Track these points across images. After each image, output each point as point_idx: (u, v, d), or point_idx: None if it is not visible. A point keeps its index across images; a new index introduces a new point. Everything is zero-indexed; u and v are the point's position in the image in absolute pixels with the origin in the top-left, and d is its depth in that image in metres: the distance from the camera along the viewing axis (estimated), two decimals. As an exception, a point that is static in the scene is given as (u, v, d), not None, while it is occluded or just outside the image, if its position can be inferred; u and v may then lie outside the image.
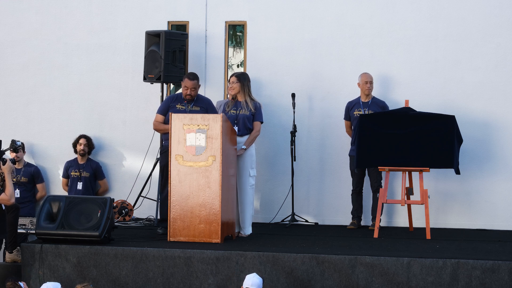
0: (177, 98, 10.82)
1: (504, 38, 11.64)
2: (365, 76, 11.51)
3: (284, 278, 9.27)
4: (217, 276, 9.36)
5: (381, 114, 11.20)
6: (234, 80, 10.73)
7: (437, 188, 11.67)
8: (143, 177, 12.13)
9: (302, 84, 12.06)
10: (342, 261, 9.17)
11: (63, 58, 12.65)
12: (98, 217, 9.84)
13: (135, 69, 12.35)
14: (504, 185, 11.61)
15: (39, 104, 12.69)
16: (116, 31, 12.52)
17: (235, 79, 10.72)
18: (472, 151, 11.60)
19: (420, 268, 9.02)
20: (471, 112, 11.62)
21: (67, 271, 9.63)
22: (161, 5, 12.44)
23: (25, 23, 12.74)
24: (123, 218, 11.85)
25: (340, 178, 11.95)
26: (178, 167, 10.00)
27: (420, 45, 11.82)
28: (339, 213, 11.94)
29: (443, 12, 11.78)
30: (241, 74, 10.81)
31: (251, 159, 10.68)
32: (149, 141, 11.93)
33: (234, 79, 10.73)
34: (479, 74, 11.70)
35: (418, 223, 11.34)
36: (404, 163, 10.72)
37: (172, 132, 10.02)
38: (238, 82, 10.71)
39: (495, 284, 8.89)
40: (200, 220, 9.96)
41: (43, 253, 9.65)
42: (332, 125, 11.98)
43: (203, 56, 12.38)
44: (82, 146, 12.29)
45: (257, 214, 11.83)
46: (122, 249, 9.62)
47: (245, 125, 10.67)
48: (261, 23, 12.22)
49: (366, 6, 11.96)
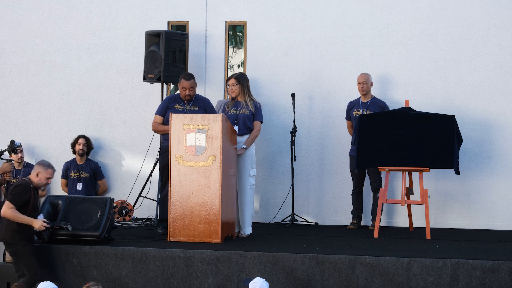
0: (175, 98, 10.83)
1: (504, 38, 11.64)
2: (359, 76, 11.53)
3: (284, 278, 9.27)
4: (217, 276, 9.36)
5: (381, 114, 11.20)
6: (233, 83, 10.72)
7: (437, 188, 11.67)
8: (143, 177, 12.13)
9: (302, 84, 12.06)
10: (342, 261, 9.16)
11: (63, 58, 12.65)
12: (98, 217, 9.84)
13: (135, 69, 12.35)
14: (504, 185, 11.61)
15: (39, 104, 12.69)
16: (116, 31, 12.53)
17: (234, 81, 10.72)
18: (472, 151, 11.60)
19: (420, 268, 9.02)
20: (471, 112, 11.63)
21: (67, 271, 9.63)
22: (161, 5, 12.44)
23: (25, 23, 12.75)
24: (123, 218, 11.85)
25: (340, 178, 11.95)
26: (178, 167, 10.00)
27: (420, 45, 11.82)
28: (339, 213, 11.94)
29: (443, 12, 11.78)
30: (240, 75, 10.80)
31: (251, 159, 10.69)
32: (149, 141, 11.94)
33: (233, 82, 10.72)
34: (479, 74, 11.70)
35: (418, 223, 11.34)
36: (404, 163, 10.72)
37: (172, 132, 10.02)
38: (238, 84, 10.71)
39: (495, 284, 8.89)
40: (200, 220, 9.95)
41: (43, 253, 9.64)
42: (332, 125, 11.99)
43: (203, 56, 12.38)
44: (81, 146, 12.29)
45: (257, 214, 11.84)
46: (122, 249, 9.61)
47: (245, 124, 10.68)
48: (261, 23, 12.22)
49: (366, 6, 11.96)
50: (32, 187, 9.32)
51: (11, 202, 9.21)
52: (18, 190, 9.26)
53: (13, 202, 9.20)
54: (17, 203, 9.20)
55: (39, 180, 9.34)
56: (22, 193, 9.24)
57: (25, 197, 9.24)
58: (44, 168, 9.36)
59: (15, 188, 9.32)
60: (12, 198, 9.24)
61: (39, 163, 9.46)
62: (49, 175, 9.38)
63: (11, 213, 9.18)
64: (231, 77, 10.77)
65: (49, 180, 9.42)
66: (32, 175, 9.36)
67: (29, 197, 9.26)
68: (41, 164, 9.41)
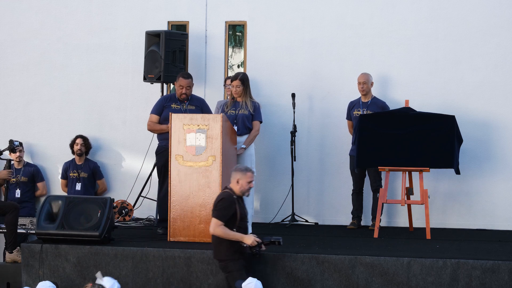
0: (171, 98, 10.83)
1: (504, 38, 11.64)
2: (359, 76, 11.53)
3: (284, 278, 9.27)
4: (217, 276, 9.36)
5: (381, 114, 11.20)
6: (238, 84, 10.68)
7: (437, 188, 11.67)
8: (143, 177, 12.13)
9: (302, 84, 12.06)
10: (342, 261, 9.16)
11: (63, 58, 12.66)
12: (98, 217, 9.84)
13: (135, 69, 12.36)
14: (504, 185, 11.61)
15: (39, 104, 12.69)
16: (116, 31, 12.53)
17: (239, 83, 10.67)
18: (472, 151, 11.60)
19: (420, 268, 9.02)
20: (471, 112, 11.63)
21: (67, 271, 9.63)
22: (161, 5, 12.44)
23: (25, 23, 12.75)
24: (123, 218, 11.85)
25: (340, 178, 11.95)
26: (178, 167, 10.00)
27: (420, 45, 11.82)
28: (339, 213, 11.94)
29: (443, 12, 11.78)
30: (244, 77, 10.73)
31: (250, 159, 10.69)
32: (149, 141, 11.93)
33: (238, 83, 10.67)
34: (479, 74, 11.70)
35: (418, 223, 11.34)
36: (404, 163, 10.72)
37: (172, 132, 10.02)
38: (242, 86, 10.69)
39: (495, 284, 8.89)
40: (200, 220, 9.95)
41: (43, 253, 9.65)
42: (332, 125, 11.99)
43: (203, 56, 12.38)
44: (79, 146, 12.30)
45: (257, 214, 11.83)
46: (122, 249, 9.61)
47: (245, 124, 10.67)
48: (261, 23, 12.22)
49: (366, 6, 11.96)
50: (236, 197, 8.93)
51: (219, 218, 8.82)
52: (222, 204, 8.88)
53: (220, 219, 8.81)
54: (224, 218, 8.82)
55: (241, 187, 8.94)
56: (228, 207, 8.85)
57: (230, 211, 8.85)
58: (243, 173, 8.96)
59: (219, 203, 8.91)
60: (218, 214, 8.85)
61: (236, 170, 9.04)
62: (250, 178, 8.97)
63: (220, 230, 8.81)
64: (236, 78, 10.71)
65: (251, 184, 8.98)
66: (233, 183, 8.97)
67: (234, 210, 8.88)
68: (239, 170, 9.01)
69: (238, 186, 8.97)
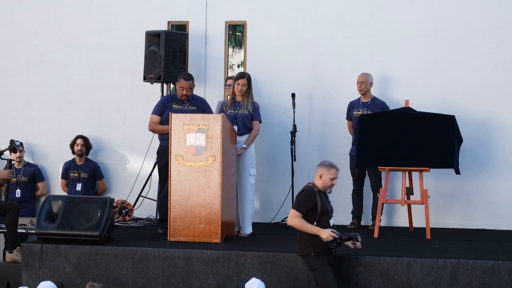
0: (172, 98, 10.83)
1: (504, 38, 11.64)
2: (358, 76, 11.52)
3: (284, 278, 9.27)
4: (217, 276, 9.36)
5: (381, 114, 11.19)
6: (245, 83, 10.67)
7: (437, 188, 11.67)
8: (143, 177, 12.13)
9: (302, 84, 12.06)
10: (342, 261, 9.16)
11: (63, 58, 12.66)
12: (98, 217, 9.84)
13: (135, 69, 12.36)
14: (504, 185, 11.61)
15: (39, 104, 12.69)
16: (116, 31, 12.53)
17: (245, 82, 10.66)
18: (472, 151, 11.60)
19: (420, 268, 9.02)
20: (471, 112, 11.63)
21: (67, 271, 9.63)
22: (161, 5, 12.44)
23: (25, 23, 12.75)
24: (123, 218, 11.85)
25: (340, 178, 11.87)
26: (178, 167, 10.00)
27: (420, 45, 11.82)
28: (339, 213, 11.89)
29: (443, 12, 11.78)
30: (250, 77, 10.74)
31: (251, 159, 10.69)
32: (149, 141, 11.93)
33: (245, 82, 10.65)
34: (479, 74, 11.70)
35: (418, 223, 11.34)
36: (404, 163, 10.72)
37: (172, 132, 10.02)
38: (247, 85, 10.69)
39: (495, 284, 8.89)
40: (200, 220, 9.95)
41: (43, 253, 9.65)
42: (332, 125, 11.99)
43: (203, 56, 12.38)
44: (79, 147, 12.30)
45: (257, 214, 11.83)
46: (122, 249, 9.61)
47: (245, 124, 10.67)
48: (261, 23, 12.22)
49: (366, 6, 11.96)
50: (317, 190, 8.78)
51: (297, 209, 8.71)
52: (302, 196, 8.77)
53: (298, 210, 8.70)
54: (302, 210, 8.69)
55: (323, 182, 8.80)
56: (307, 199, 8.72)
57: (310, 203, 8.71)
58: (327, 169, 8.81)
59: (299, 194, 8.82)
60: (296, 205, 8.75)
61: (321, 165, 8.86)
62: (333, 175, 8.81)
63: (297, 221, 8.69)
64: (243, 77, 10.67)
65: (334, 181, 8.83)
66: (316, 178, 8.83)
67: (314, 202, 8.74)
68: (323, 165, 8.84)
69: (320, 181, 8.84)
